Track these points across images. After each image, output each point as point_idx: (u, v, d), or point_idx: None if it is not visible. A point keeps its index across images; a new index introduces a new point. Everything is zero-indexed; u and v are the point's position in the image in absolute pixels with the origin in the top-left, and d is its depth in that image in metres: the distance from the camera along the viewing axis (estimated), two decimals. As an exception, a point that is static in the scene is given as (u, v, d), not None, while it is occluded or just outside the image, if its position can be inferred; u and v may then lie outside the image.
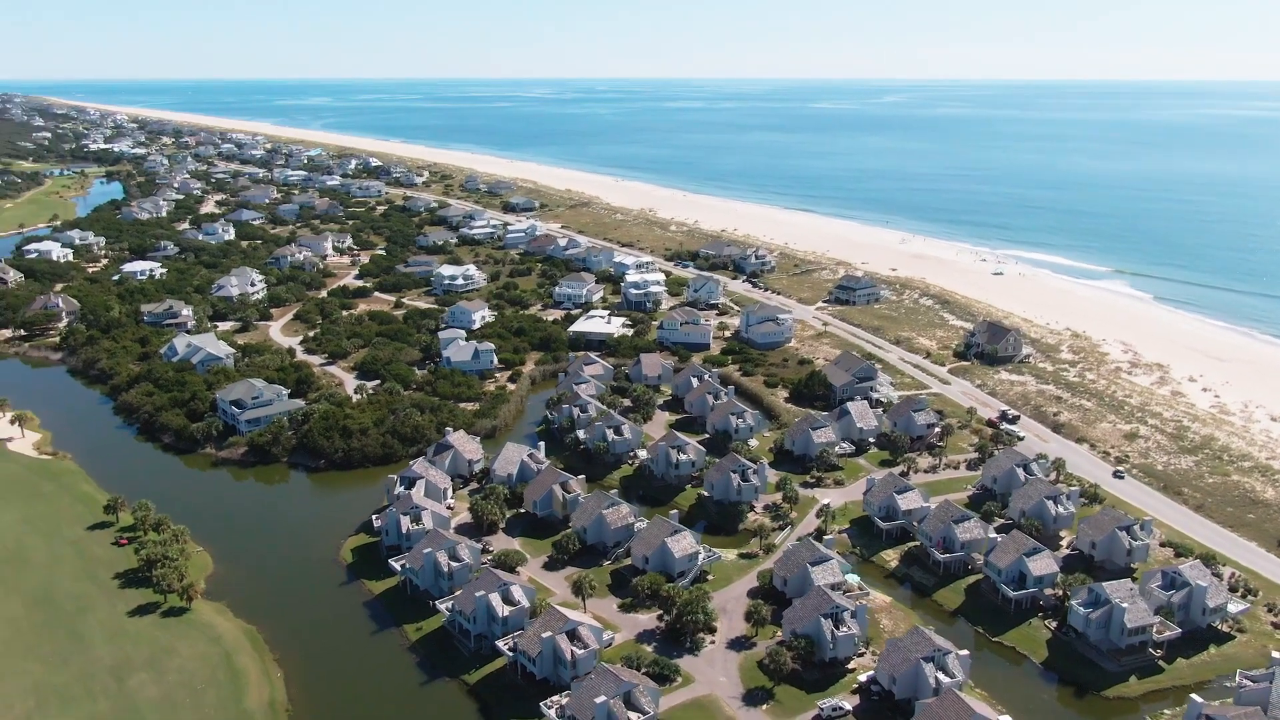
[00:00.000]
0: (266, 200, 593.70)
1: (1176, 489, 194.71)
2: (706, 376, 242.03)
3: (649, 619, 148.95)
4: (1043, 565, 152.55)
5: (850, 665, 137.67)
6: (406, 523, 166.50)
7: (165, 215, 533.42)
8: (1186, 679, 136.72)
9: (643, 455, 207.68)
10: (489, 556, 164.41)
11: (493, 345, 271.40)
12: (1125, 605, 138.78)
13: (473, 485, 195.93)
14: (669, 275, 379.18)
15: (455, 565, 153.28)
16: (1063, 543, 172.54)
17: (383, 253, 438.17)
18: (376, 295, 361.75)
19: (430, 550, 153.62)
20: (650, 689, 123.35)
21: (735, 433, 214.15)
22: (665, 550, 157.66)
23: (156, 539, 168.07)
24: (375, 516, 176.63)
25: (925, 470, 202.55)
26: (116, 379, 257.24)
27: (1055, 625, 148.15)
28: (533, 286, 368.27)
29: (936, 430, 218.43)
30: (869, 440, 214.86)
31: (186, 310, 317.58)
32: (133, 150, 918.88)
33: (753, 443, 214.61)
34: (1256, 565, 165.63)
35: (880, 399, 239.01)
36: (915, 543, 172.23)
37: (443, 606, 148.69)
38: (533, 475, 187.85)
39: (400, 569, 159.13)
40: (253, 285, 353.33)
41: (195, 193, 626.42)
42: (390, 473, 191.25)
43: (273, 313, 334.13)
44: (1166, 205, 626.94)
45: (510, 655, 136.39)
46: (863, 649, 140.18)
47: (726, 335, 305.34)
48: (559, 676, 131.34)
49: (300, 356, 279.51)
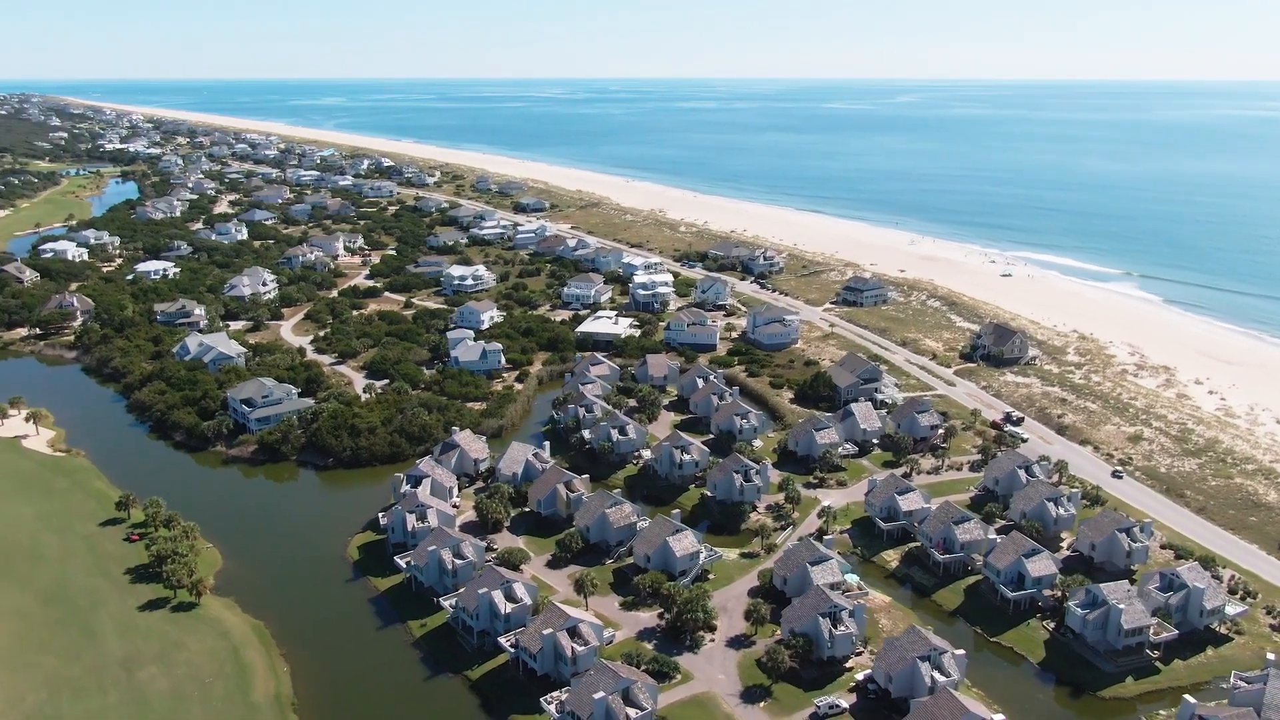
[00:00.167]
0: (279, 200, 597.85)
1: (1179, 491, 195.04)
2: (712, 377, 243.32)
3: (650, 617, 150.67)
4: (1041, 566, 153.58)
5: (848, 664, 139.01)
6: (412, 521, 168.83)
7: (179, 215, 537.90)
8: (1183, 680, 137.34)
9: (647, 455, 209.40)
10: (493, 554, 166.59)
11: (500, 345, 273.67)
12: (1122, 607, 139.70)
13: (478, 484, 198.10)
14: (677, 276, 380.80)
15: (459, 563, 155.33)
16: (1063, 544, 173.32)
17: (394, 253, 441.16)
18: (387, 295, 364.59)
19: (435, 548, 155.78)
20: (649, 685, 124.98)
21: (739, 433, 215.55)
22: (667, 549, 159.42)
23: (167, 535, 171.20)
24: (382, 514, 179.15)
25: (928, 472, 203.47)
26: (129, 377, 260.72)
27: (1053, 626, 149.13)
28: (541, 287, 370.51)
29: (940, 432, 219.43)
30: (872, 441, 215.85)
31: (199, 310, 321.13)
32: (148, 150, 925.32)
33: (757, 443, 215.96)
34: (1257, 568, 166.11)
35: (885, 400, 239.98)
36: (916, 543, 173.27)
37: (446, 603, 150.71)
38: (537, 474, 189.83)
39: (405, 566, 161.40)
40: (264, 285, 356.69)
41: (209, 193, 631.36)
42: (398, 471, 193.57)
43: (284, 312, 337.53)
44: (1177, 207, 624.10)
45: (512, 652, 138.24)
46: (860, 648, 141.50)
47: (733, 336, 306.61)
48: (560, 673, 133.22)
49: (310, 356, 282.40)
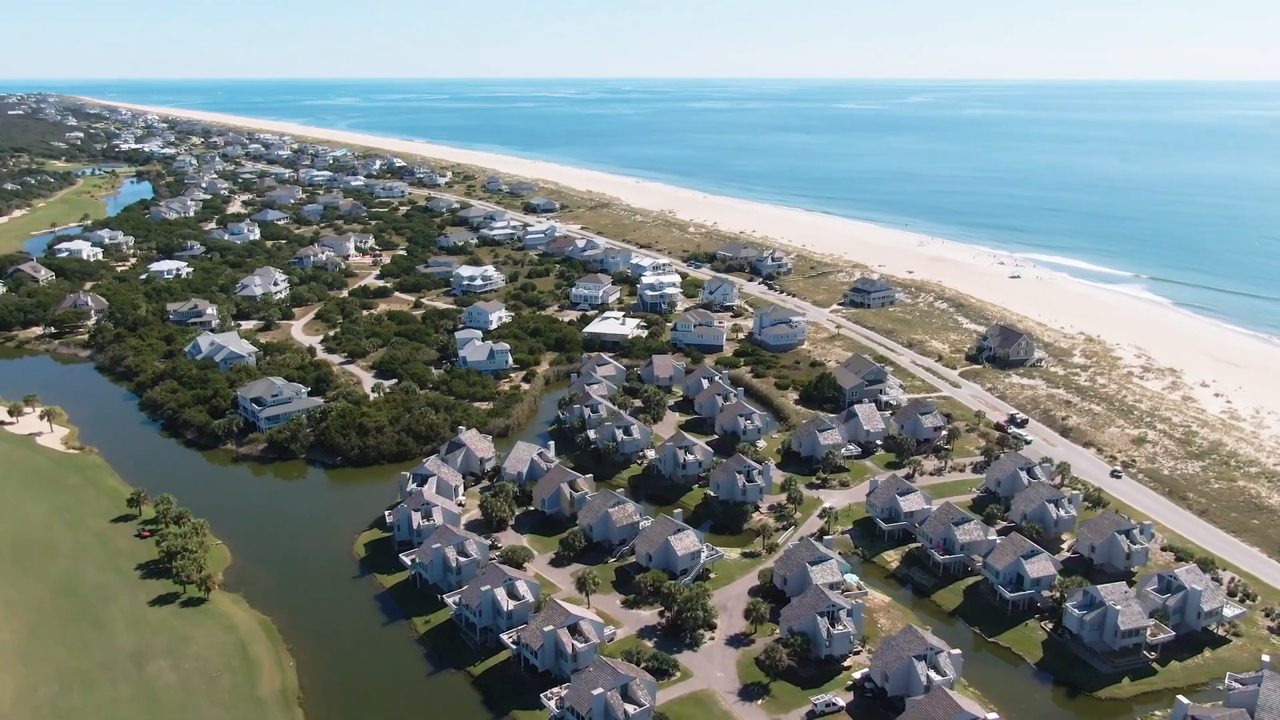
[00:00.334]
0: (292, 200, 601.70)
1: (1181, 494, 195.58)
2: (717, 378, 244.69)
3: (651, 615, 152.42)
4: (1040, 567, 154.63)
5: (846, 663, 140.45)
6: (418, 519, 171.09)
7: (193, 215, 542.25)
8: (1179, 681, 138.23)
9: (651, 455, 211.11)
10: (496, 552, 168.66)
11: (508, 345, 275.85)
12: (1119, 608, 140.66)
13: (484, 483, 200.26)
14: (685, 277, 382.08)
15: (463, 560, 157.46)
16: (1063, 546, 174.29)
17: (404, 253, 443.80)
18: (396, 295, 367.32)
19: (439, 546, 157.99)
20: (647, 682, 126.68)
21: (743, 434, 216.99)
22: (668, 548, 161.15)
23: (177, 532, 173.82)
24: (388, 512, 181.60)
25: (931, 473, 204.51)
26: (142, 376, 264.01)
27: (1051, 627, 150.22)
28: (550, 287, 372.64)
29: (943, 433, 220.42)
30: (876, 442, 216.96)
31: (211, 309, 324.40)
32: (162, 150, 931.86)
33: (761, 444, 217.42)
34: (1257, 570, 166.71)
35: (889, 402, 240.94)
36: (916, 544, 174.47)
37: (450, 600, 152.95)
38: (542, 474, 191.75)
39: (410, 563, 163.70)
40: (276, 285, 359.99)
41: (222, 193, 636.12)
42: (405, 470, 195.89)
43: (295, 312, 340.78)
44: (1187, 208, 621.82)
45: (514, 648, 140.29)
46: (858, 647, 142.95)
47: (740, 337, 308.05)
48: (560, 669, 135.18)
49: (320, 355, 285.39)
